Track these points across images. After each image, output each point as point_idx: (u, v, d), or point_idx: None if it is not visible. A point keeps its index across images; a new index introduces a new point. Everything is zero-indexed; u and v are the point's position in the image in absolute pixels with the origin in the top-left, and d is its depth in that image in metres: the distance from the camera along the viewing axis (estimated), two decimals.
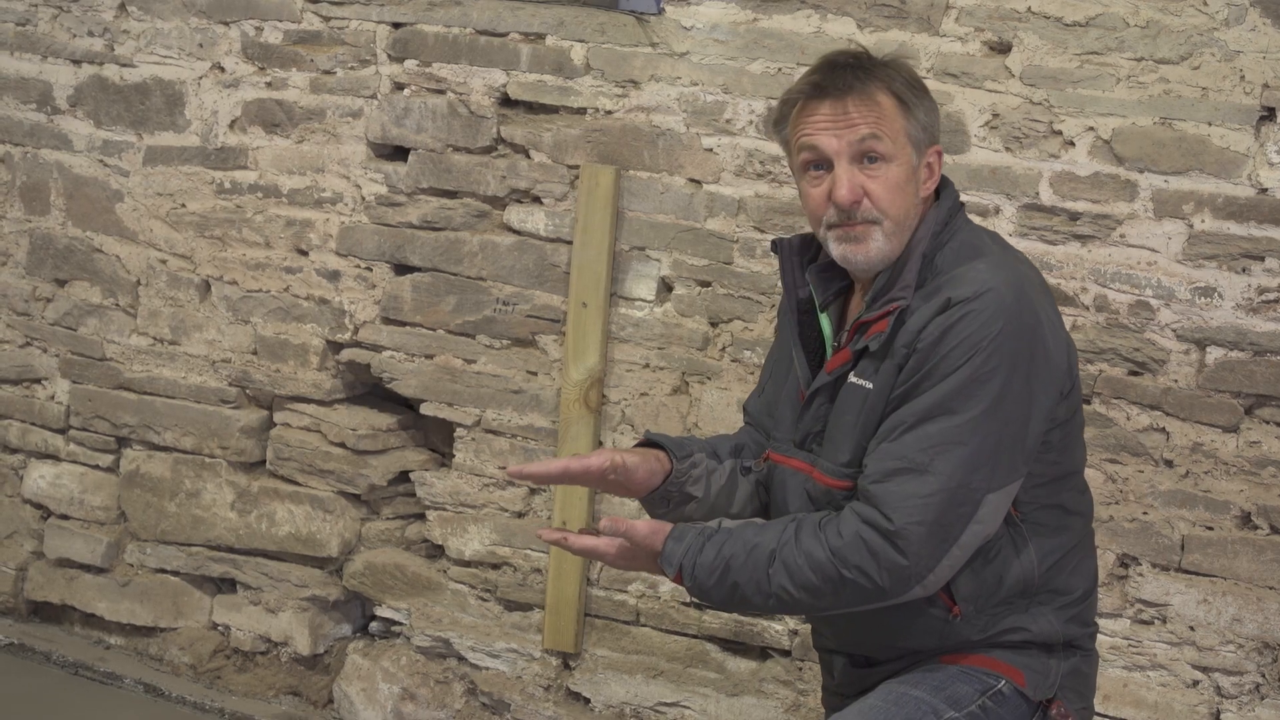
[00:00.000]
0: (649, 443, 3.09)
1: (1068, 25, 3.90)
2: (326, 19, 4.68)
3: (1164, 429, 3.90)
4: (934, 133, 2.87)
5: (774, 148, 4.19)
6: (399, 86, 4.61)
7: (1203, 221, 3.82)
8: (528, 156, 4.47)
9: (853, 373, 2.84)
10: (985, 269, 2.76)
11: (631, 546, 2.83)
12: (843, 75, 2.82)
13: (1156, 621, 3.94)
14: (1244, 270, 3.80)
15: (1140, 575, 3.95)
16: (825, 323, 2.97)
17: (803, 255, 2.99)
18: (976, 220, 3.36)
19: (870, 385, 2.80)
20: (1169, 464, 3.90)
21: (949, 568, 2.71)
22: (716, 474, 3.08)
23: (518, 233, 4.51)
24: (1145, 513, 3.93)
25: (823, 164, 2.83)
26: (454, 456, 4.65)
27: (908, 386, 2.73)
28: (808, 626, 4.20)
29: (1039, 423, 2.75)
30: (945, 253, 2.82)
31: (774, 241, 3.02)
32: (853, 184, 2.79)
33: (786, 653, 4.31)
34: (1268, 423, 3.83)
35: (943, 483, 2.67)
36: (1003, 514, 2.75)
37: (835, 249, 2.85)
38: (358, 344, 4.72)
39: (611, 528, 2.82)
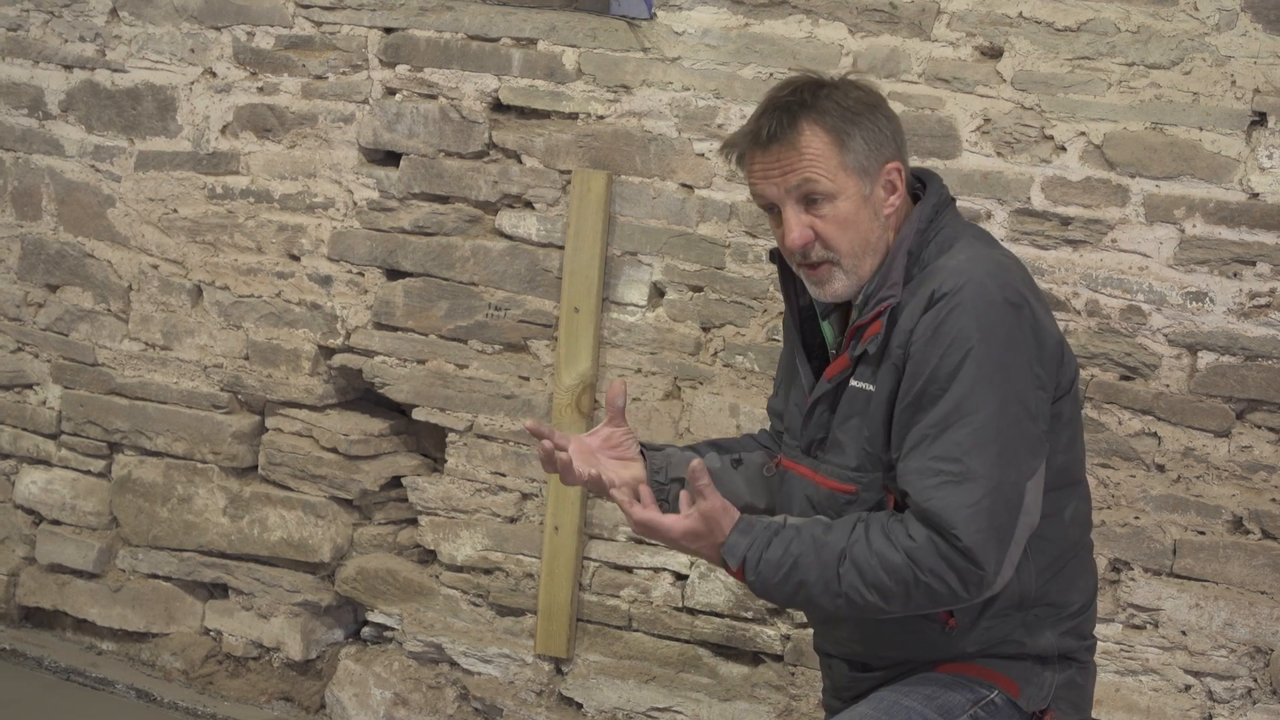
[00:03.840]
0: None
1: (1059, 30, 3.90)
2: (318, 24, 4.67)
3: (1155, 434, 3.90)
4: (886, 150, 2.83)
5: None
6: (391, 91, 4.61)
7: (1194, 226, 3.82)
8: (519, 161, 4.47)
9: (853, 377, 2.83)
10: (964, 259, 2.76)
11: (699, 527, 2.77)
12: (771, 122, 2.80)
13: (1148, 626, 3.95)
14: (1235, 275, 3.80)
15: (1132, 580, 3.95)
16: (827, 330, 2.97)
17: None
18: None
19: (871, 388, 2.79)
20: (1160, 469, 3.91)
21: (1010, 566, 2.69)
22: (707, 459, 3.08)
23: (510, 238, 4.51)
24: (1137, 517, 3.93)
25: (774, 208, 2.85)
26: (446, 462, 4.65)
27: (914, 395, 2.72)
28: (800, 632, 4.21)
29: (1046, 398, 2.75)
30: (930, 248, 2.83)
31: (771, 251, 3.02)
32: (801, 228, 2.80)
33: (779, 658, 4.31)
34: (1259, 427, 3.84)
35: (986, 486, 2.65)
36: (1040, 498, 2.73)
37: (809, 289, 2.88)
38: (349, 349, 4.72)
39: (687, 501, 2.77)
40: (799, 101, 2.81)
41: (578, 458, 2.95)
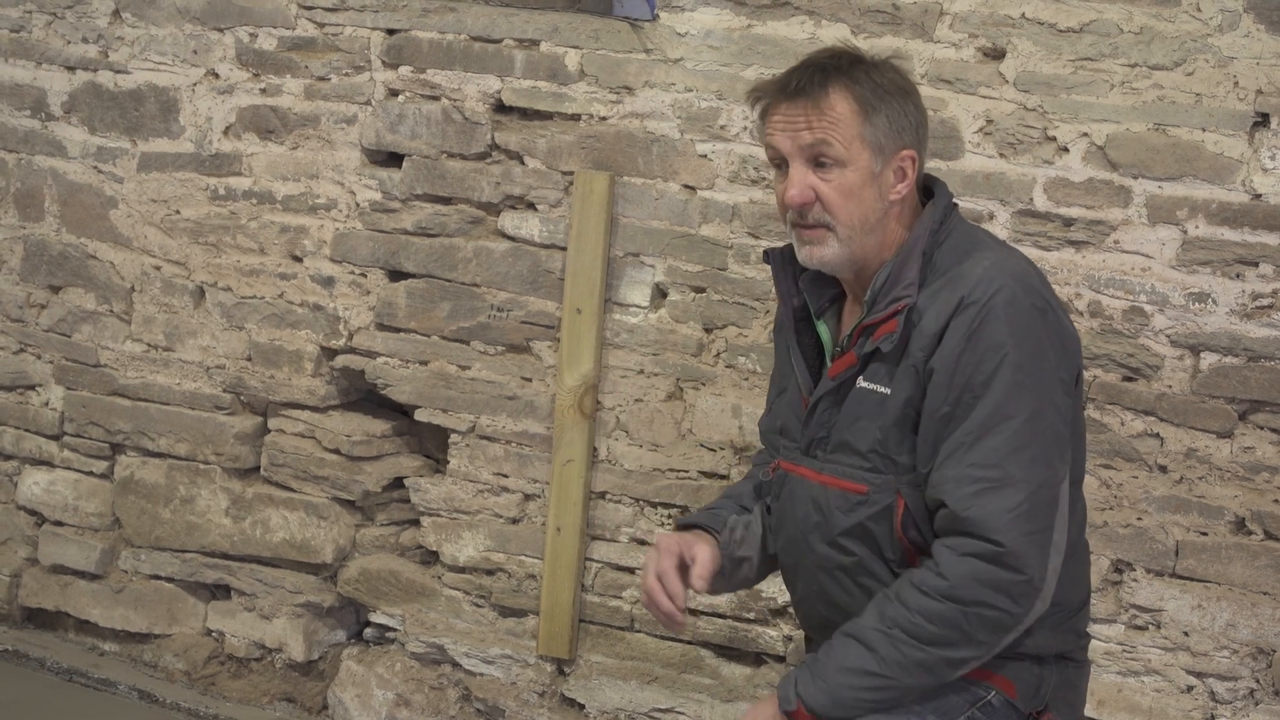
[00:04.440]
0: (684, 526, 3.11)
1: (1061, 31, 3.90)
2: (321, 25, 4.68)
3: (1158, 434, 3.90)
4: (906, 137, 2.86)
5: None
6: (393, 93, 4.61)
7: (1197, 227, 3.82)
8: (522, 163, 4.48)
9: (862, 377, 2.83)
10: (990, 265, 2.77)
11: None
12: (803, 77, 2.84)
13: (1151, 627, 3.95)
14: (1238, 276, 3.80)
15: (1134, 581, 3.95)
16: (823, 329, 2.97)
17: (795, 264, 2.99)
18: None
19: (886, 390, 2.79)
20: (1163, 469, 3.90)
21: (1054, 573, 2.70)
22: (753, 525, 3.09)
23: (512, 239, 4.51)
24: (1139, 518, 3.93)
25: (783, 163, 2.86)
26: (448, 463, 4.65)
27: (951, 405, 2.72)
28: (802, 632, 4.21)
29: (1069, 402, 2.77)
30: (944, 251, 2.83)
31: (765, 251, 3.03)
32: (803, 186, 2.82)
33: (781, 659, 4.31)
34: (1262, 428, 3.84)
35: (1026, 490, 2.66)
36: (1068, 503, 2.74)
37: (797, 250, 2.90)
38: (352, 350, 4.72)
39: None
40: (835, 66, 2.85)
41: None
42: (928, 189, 2.95)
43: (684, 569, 3.00)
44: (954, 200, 2.94)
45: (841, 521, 2.84)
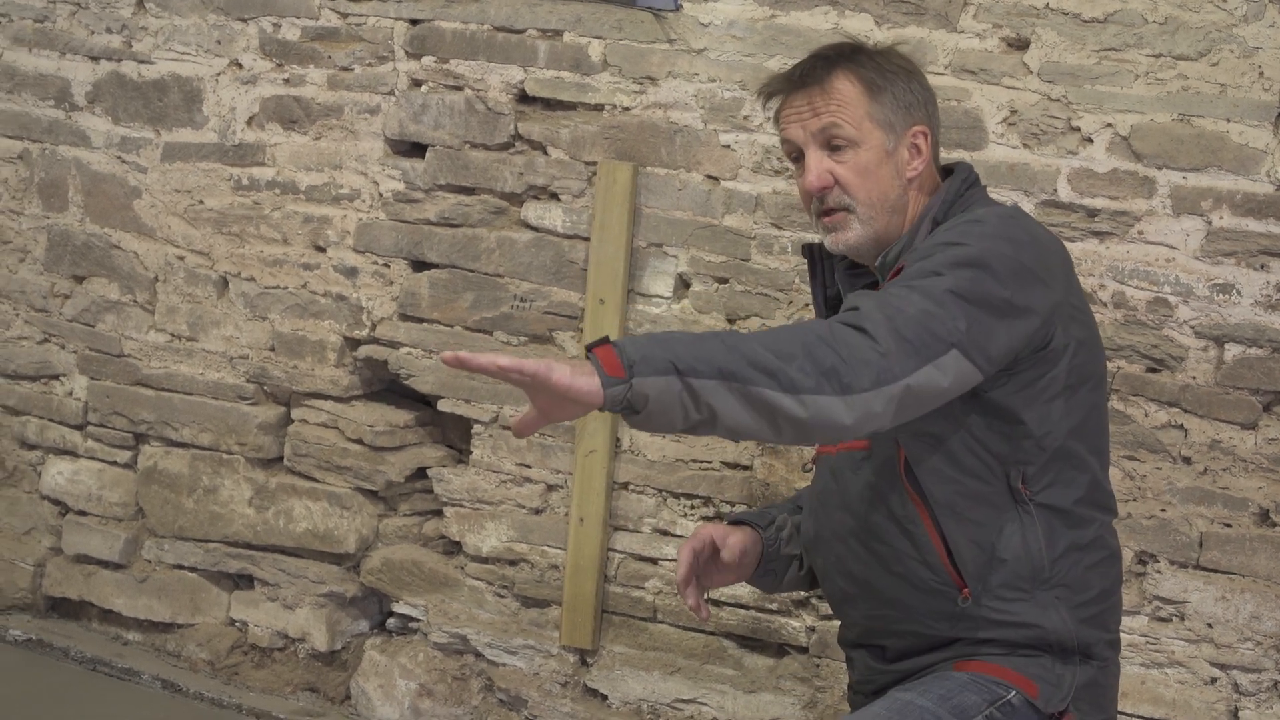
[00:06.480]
0: (734, 523, 3.14)
1: (1086, 21, 3.90)
2: (344, 15, 4.68)
3: (1182, 426, 3.89)
4: (916, 113, 2.91)
5: None
6: (416, 83, 4.61)
7: (1221, 218, 3.81)
8: (545, 153, 4.48)
9: None
10: (985, 211, 2.82)
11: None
12: (806, 67, 2.90)
13: (1174, 619, 3.94)
14: (1262, 267, 3.79)
15: (1158, 572, 3.94)
16: None
17: (828, 258, 3.02)
18: None
19: None
20: (1187, 461, 3.90)
21: (892, 399, 2.53)
22: (804, 525, 3.09)
23: (535, 229, 4.51)
24: (1163, 510, 3.92)
25: (800, 156, 2.90)
26: (471, 453, 4.66)
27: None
28: (825, 624, 4.21)
29: (1007, 334, 2.68)
30: (954, 216, 2.86)
31: (804, 246, 3.05)
32: (820, 171, 2.86)
33: (804, 649, 4.31)
34: None
35: (918, 308, 2.57)
36: (956, 390, 2.63)
37: (824, 239, 2.93)
38: (375, 340, 4.73)
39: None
40: (837, 53, 2.91)
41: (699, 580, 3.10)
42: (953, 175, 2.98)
43: (717, 558, 3.06)
44: (980, 182, 2.96)
45: (851, 483, 2.85)
